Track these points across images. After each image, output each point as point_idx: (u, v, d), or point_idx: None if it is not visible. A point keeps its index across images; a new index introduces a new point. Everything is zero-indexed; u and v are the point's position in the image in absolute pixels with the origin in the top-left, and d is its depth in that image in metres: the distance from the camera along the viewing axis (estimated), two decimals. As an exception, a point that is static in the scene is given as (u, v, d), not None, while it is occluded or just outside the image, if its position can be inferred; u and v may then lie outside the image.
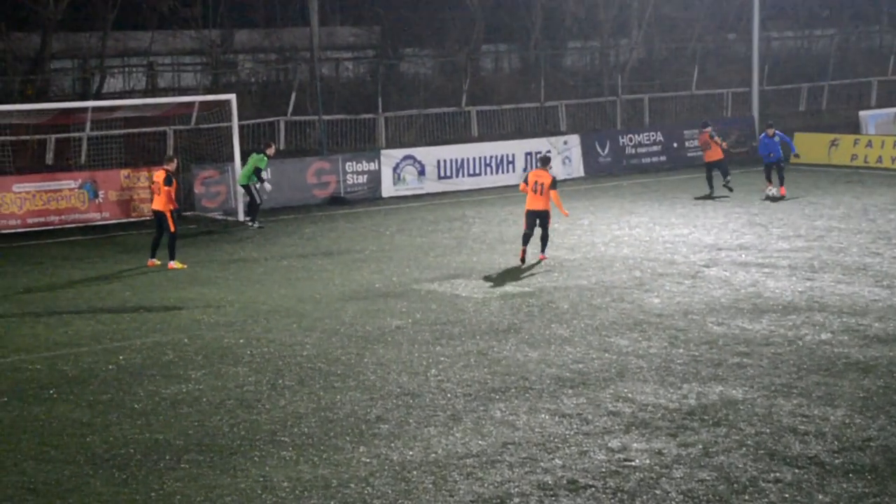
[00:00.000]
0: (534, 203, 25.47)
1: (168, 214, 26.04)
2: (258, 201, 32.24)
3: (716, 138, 35.68)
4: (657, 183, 39.05)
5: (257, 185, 32.16)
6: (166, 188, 26.12)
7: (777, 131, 35.48)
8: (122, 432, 14.63)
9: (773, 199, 34.05)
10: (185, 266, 25.88)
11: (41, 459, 13.74)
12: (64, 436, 14.57)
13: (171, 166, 26.73)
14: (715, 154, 35.61)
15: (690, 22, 53.66)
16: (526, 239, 25.42)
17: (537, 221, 25.51)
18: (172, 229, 26.08)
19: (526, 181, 25.82)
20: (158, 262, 26.19)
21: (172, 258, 26.06)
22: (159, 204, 26.29)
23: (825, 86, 52.99)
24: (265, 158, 32.34)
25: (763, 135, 35.69)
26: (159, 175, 26.45)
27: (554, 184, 25.43)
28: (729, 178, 35.52)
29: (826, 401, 15.20)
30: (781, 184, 34.75)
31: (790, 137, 37.62)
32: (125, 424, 14.95)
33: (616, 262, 25.20)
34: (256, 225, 31.90)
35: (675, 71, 51.09)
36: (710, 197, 34.75)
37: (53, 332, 20.29)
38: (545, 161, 26.12)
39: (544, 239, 25.65)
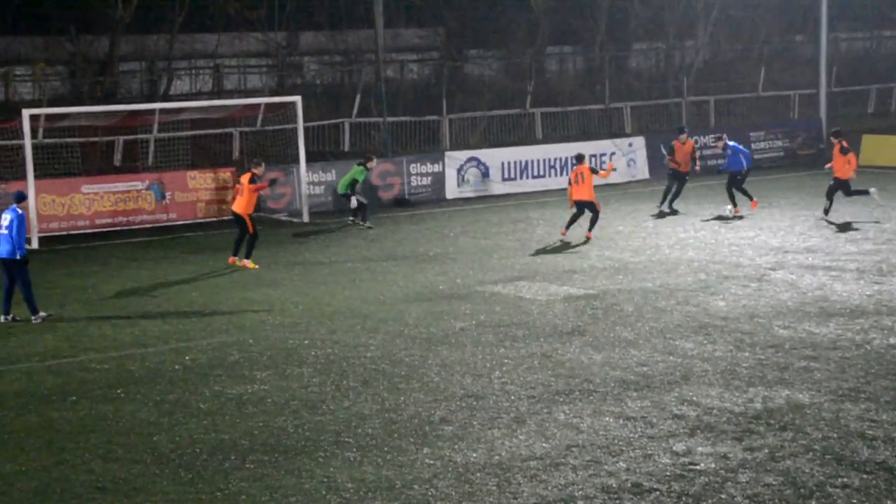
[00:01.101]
0: (579, 193, 28.66)
1: (247, 217, 26.20)
2: (364, 202, 32.21)
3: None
4: (722, 185, 38.70)
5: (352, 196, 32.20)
6: (251, 187, 26.31)
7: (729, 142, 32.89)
8: (188, 432, 14.75)
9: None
10: (257, 267, 26.01)
11: (109, 458, 13.88)
12: (131, 435, 14.71)
13: (259, 170, 26.77)
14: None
15: (757, 23, 53.29)
16: (573, 220, 28.72)
17: (584, 210, 28.65)
18: (251, 231, 26.24)
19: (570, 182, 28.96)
20: (240, 263, 26.33)
21: (248, 257, 26.32)
22: (239, 206, 26.46)
23: (894, 87, 52.40)
24: (364, 171, 32.30)
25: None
26: (245, 177, 26.57)
27: (594, 170, 28.94)
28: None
29: (894, 405, 15.03)
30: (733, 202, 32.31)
31: (857, 139, 36.85)
32: (191, 424, 15.06)
33: (681, 264, 25.06)
34: (368, 224, 31.82)
35: (742, 72, 50.75)
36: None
37: (121, 332, 20.48)
38: (580, 158, 29.67)
39: (593, 220, 28.64)
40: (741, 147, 33.03)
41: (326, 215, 34.45)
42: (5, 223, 21.35)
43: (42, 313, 21.54)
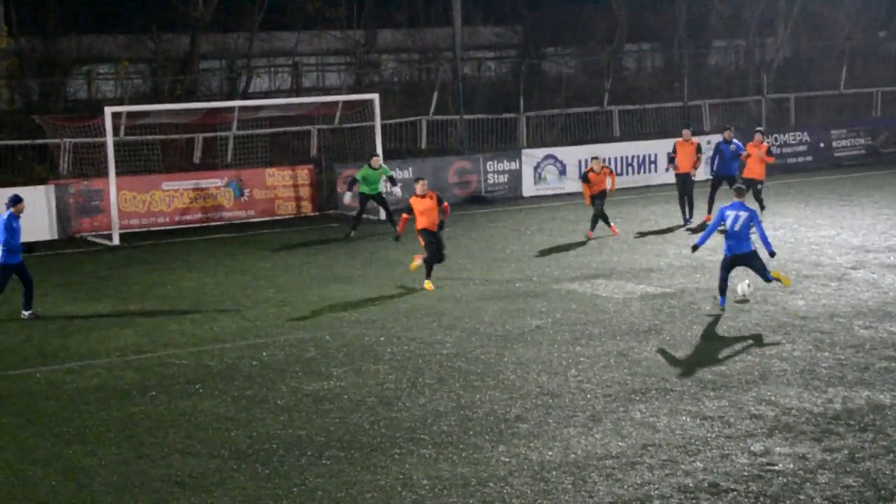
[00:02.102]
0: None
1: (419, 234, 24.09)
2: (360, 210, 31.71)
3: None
4: (802, 183, 38.40)
5: (389, 189, 32.08)
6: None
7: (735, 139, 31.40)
8: (265, 427, 14.84)
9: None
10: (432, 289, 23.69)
11: (187, 453, 14.00)
12: (209, 430, 14.83)
13: (418, 187, 24.15)
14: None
15: (838, 20, 52.63)
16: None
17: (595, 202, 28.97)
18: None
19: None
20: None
21: (428, 277, 24.01)
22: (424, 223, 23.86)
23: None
24: (368, 169, 31.47)
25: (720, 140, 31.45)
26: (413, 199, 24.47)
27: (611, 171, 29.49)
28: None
29: (978, 408, 14.80)
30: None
31: None
32: (268, 420, 15.16)
33: (760, 263, 24.80)
34: (353, 233, 30.99)
35: (823, 69, 50.16)
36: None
37: (199, 327, 20.66)
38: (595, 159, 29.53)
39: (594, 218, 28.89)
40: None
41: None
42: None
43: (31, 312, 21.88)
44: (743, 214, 20.46)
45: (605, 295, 22.18)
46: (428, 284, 23.33)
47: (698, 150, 31.34)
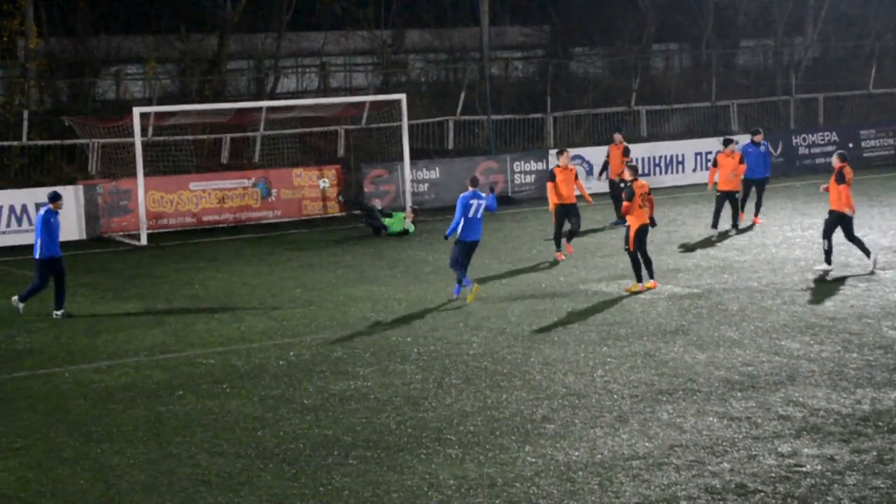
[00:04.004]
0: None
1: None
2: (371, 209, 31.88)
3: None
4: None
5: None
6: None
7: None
8: (291, 427, 14.87)
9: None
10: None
11: (214, 452, 14.04)
12: (236, 429, 14.86)
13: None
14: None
15: (868, 19, 52.35)
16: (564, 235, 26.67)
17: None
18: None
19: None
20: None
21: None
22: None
23: None
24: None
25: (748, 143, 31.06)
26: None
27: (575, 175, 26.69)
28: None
29: None
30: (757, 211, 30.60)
31: None
32: (295, 420, 15.18)
33: (787, 263, 24.74)
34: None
35: (852, 69, 49.90)
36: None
37: (227, 327, 20.72)
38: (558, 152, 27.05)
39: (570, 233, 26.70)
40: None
41: (430, 213, 34.52)
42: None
43: (21, 304, 22.04)
44: None
45: (633, 295, 22.12)
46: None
47: (625, 153, 31.52)
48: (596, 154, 38.18)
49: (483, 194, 22.65)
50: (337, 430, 14.67)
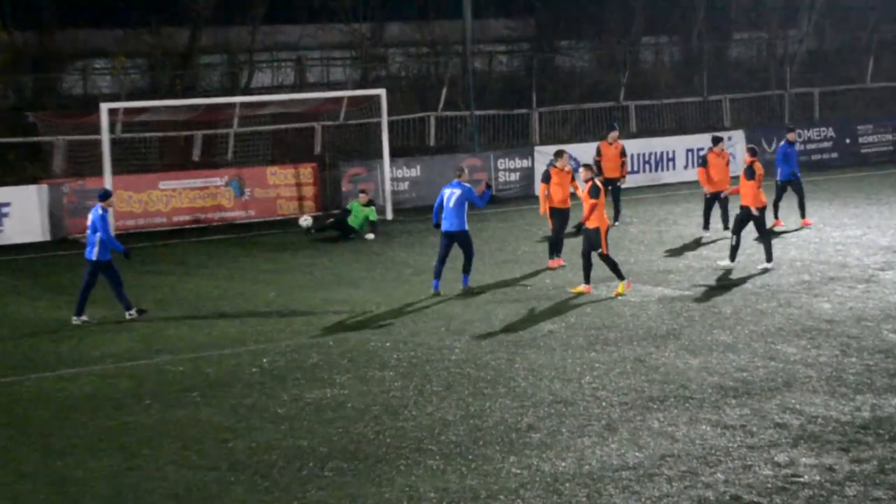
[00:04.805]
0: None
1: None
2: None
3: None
4: (828, 181, 38.23)
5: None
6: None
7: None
8: (264, 438, 14.73)
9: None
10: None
11: (183, 465, 13.89)
12: (206, 440, 14.71)
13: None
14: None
15: (865, 11, 52.42)
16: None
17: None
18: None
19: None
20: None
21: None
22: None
23: None
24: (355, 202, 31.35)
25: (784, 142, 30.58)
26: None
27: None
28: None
29: None
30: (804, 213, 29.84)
31: None
32: (268, 430, 15.05)
33: (783, 264, 24.68)
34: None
35: (849, 62, 49.96)
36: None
37: (197, 333, 20.59)
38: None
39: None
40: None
41: (411, 212, 34.41)
42: (88, 223, 21.71)
43: (133, 310, 21.88)
44: None
45: (622, 298, 22.05)
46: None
47: (622, 153, 31.24)
48: (584, 151, 38.05)
49: (463, 184, 22.98)
50: (312, 441, 14.54)
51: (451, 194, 22.96)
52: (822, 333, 18.92)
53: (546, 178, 25.78)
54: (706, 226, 28.68)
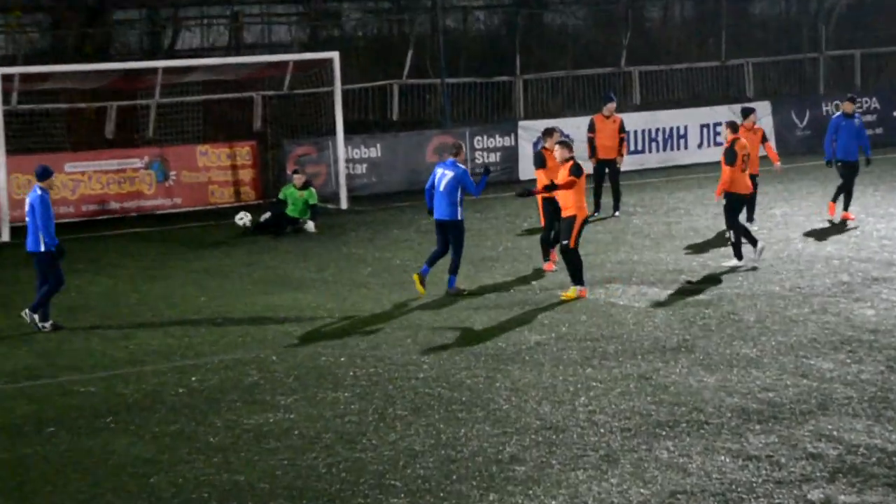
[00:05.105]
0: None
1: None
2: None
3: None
4: (872, 162, 38.38)
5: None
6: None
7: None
8: (193, 472, 14.73)
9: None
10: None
11: (94, 504, 13.90)
12: (122, 475, 14.70)
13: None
14: None
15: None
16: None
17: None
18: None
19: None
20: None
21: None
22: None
23: None
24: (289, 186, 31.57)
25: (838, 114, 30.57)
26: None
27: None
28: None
29: None
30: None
31: None
32: (198, 462, 15.05)
33: (817, 262, 24.82)
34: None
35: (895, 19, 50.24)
36: None
37: (112, 346, 20.57)
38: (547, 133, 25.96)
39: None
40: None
41: (369, 200, 34.45)
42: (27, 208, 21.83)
43: (48, 323, 21.77)
44: None
45: (624, 303, 22.16)
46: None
47: (621, 129, 31.42)
48: (577, 128, 38.17)
49: (458, 165, 23.31)
50: (251, 475, 14.55)
51: (442, 175, 23.16)
52: (864, 345, 19.02)
53: (540, 163, 25.39)
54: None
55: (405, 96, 41.08)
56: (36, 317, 21.64)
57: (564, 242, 22.53)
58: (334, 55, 34.71)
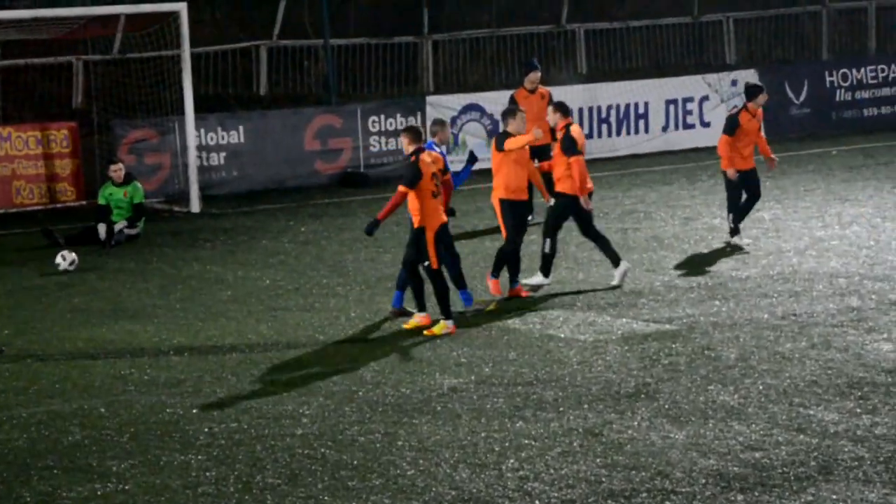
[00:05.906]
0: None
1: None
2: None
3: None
4: (888, 150, 38.80)
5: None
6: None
7: None
8: (-4, 562, 14.75)
9: None
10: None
11: None
12: None
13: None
14: None
15: None
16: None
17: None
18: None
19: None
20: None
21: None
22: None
23: None
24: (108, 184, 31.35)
25: None
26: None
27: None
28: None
29: None
30: None
31: None
32: (1, 549, 15.06)
33: (818, 281, 25.03)
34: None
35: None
36: None
37: None
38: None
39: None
40: None
41: (229, 201, 34.44)
42: None
43: None
44: None
45: (566, 335, 22.25)
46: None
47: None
48: (504, 102, 38.35)
49: (436, 146, 23.83)
50: (73, 566, 14.58)
51: None
52: (878, 390, 19.17)
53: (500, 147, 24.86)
54: (735, 228, 28.49)
55: (276, 63, 41.12)
56: None
57: (426, 264, 22.75)
58: (181, 6, 34.57)
